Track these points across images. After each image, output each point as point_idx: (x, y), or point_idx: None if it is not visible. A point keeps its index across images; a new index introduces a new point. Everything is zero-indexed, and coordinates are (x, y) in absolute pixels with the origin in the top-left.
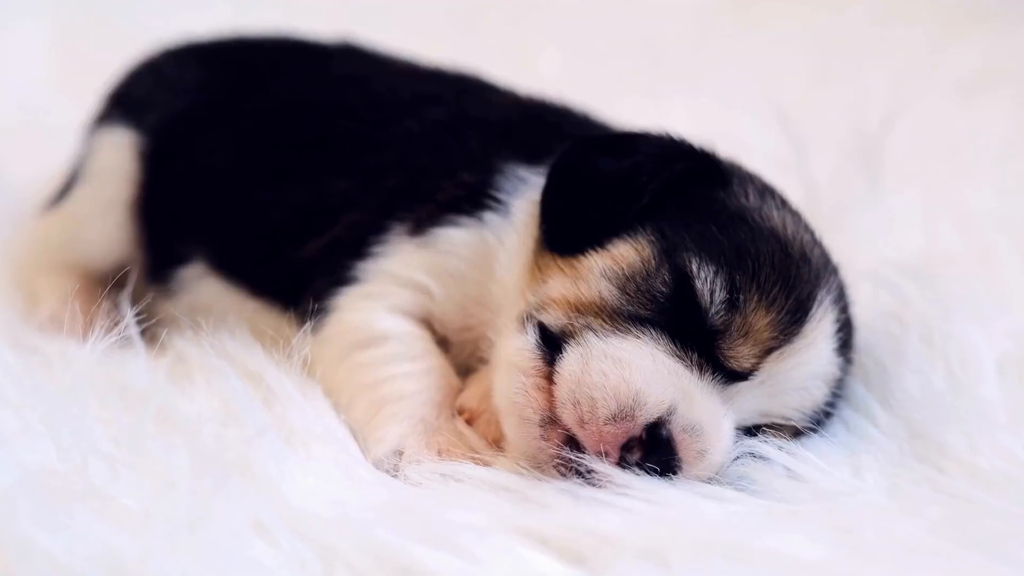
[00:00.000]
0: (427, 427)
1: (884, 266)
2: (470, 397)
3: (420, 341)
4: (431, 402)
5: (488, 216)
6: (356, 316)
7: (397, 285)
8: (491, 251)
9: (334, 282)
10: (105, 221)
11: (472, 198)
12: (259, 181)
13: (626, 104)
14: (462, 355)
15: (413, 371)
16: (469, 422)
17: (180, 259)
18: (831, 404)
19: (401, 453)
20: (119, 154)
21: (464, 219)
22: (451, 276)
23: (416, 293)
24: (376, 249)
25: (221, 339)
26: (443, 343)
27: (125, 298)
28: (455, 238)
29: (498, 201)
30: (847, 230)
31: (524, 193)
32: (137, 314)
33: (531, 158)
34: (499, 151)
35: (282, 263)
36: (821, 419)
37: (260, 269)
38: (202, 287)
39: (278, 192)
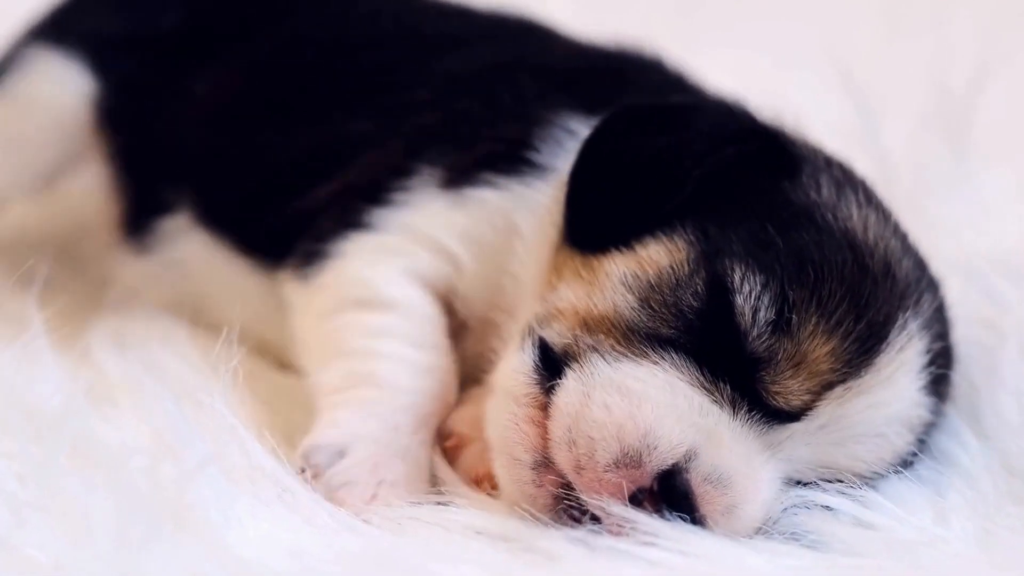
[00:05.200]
0: (392, 443)
1: (974, 261)
2: (461, 420)
3: (433, 328)
4: (415, 411)
5: (525, 183)
6: (364, 270)
7: (421, 245)
8: (521, 226)
9: (342, 224)
10: (11, 157)
11: (511, 156)
12: (265, 119)
13: None
14: (480, 347)
15: (413, 362)
16: (456, 449)
17: (164, 207)
18: (914, 453)
19: (342, 456)
20: (61, 96)
21: (502, 179)
22: (483, 249)
23: (442, 261)
24: (398, 196)
25: (151, 351)
26: (460, 329)
27: (33, 299)
28: (490, 202)
29: (533, 164)
30: (927, 216)
31: (571, 153)
32: (49, 318)
33: (591, 109)
34: (554, 99)
35: (281, 213)
36: (897, 469)
37: (254, 220)
38: (184, 242)
39: (286, 133)
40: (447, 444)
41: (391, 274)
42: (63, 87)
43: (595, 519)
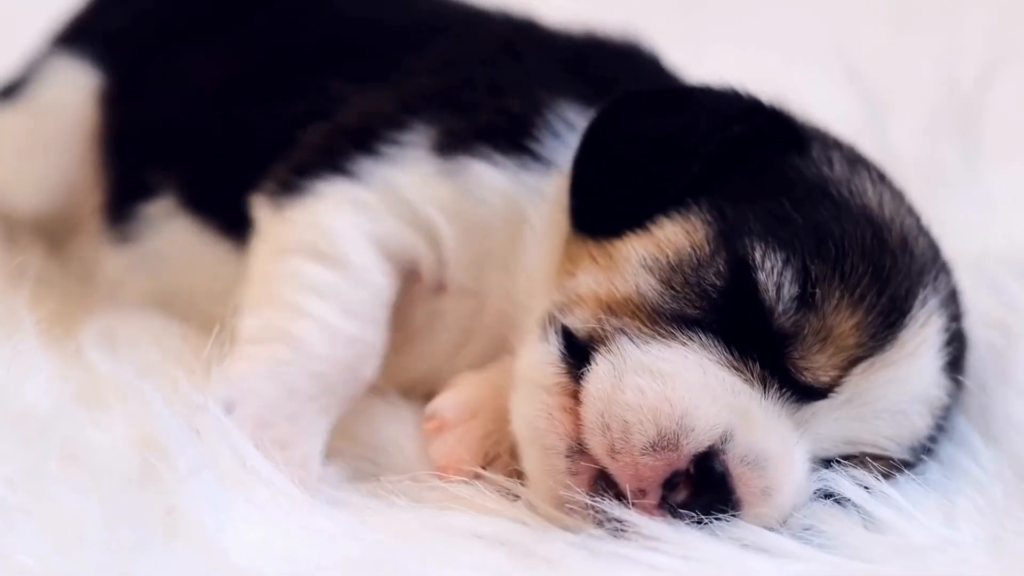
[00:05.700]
0: (283, 406)
1: (983, 260)
2: (447, 404)
3: (374, 299)
4: (320, 379)
5: (526, 169)
6: (330, 219)
7: (396, 213)
8: (525, 212)
9: (326, 163)
10: (33, 163)
11: (512, 135)
12: (256, 98)
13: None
14: (459, 313)
15: (336, 329)
16: (433, 433)
17: (146, 192)
18: (933, 439)
19: (230, 411)
20: (72, 94)
21: (500, 158)
22: (473, 227)
23: (412, 232)
24: (388, 149)
25: (143, 351)
26: (439, 288)
27: (24, 299)
28: (488, 181)
29: (535, 156)
30: (936, 214)
31: (570, 147)
32: (40, 320)
33: (589, 99)
34: (555, 82)
35: None
36: (920, 456)
37: (239, 199)
38: (167, 229)
39: (277, 111)
40: (427, 427)
41: (355, 233)
42: (74, 87)
43: (598, 522)
